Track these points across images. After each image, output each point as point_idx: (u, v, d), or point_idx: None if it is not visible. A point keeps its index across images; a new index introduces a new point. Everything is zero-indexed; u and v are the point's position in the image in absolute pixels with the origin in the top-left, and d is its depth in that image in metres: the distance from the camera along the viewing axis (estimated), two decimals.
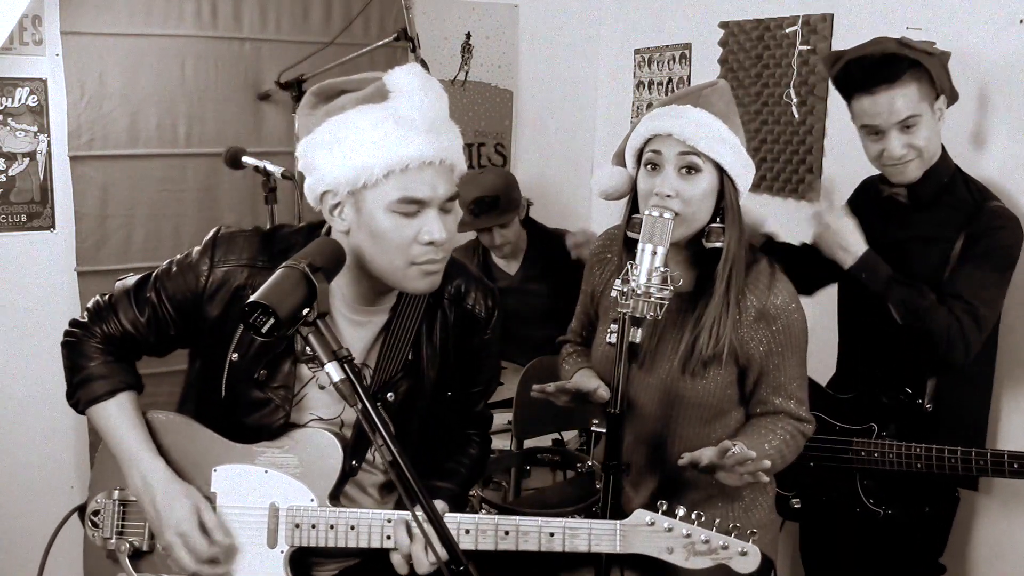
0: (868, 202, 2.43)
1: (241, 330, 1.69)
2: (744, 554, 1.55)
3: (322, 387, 1.73)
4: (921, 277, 2.22)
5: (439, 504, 1.58)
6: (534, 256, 3.49)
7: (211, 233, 1.76)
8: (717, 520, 1.57)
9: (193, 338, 1.77)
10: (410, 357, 1.74)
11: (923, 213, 2.26)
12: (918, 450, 2.19)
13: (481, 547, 1.58)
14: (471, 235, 3.58)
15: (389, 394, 1.72)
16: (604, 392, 1.87)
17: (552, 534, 1.58)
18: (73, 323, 1.78)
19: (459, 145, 1.66)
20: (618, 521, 1.59)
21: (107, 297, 1.77)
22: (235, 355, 1.70)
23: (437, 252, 1.60)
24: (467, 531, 1.58)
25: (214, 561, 1.64)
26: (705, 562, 1.56)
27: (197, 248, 1.75)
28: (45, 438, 3.22)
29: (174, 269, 1.74)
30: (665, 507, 1.57)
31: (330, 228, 1.72)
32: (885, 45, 2.17)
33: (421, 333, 1.76)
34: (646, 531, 1.57)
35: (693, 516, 1.57)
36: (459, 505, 1.80)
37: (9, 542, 3.22)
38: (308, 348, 1.66)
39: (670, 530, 1.56)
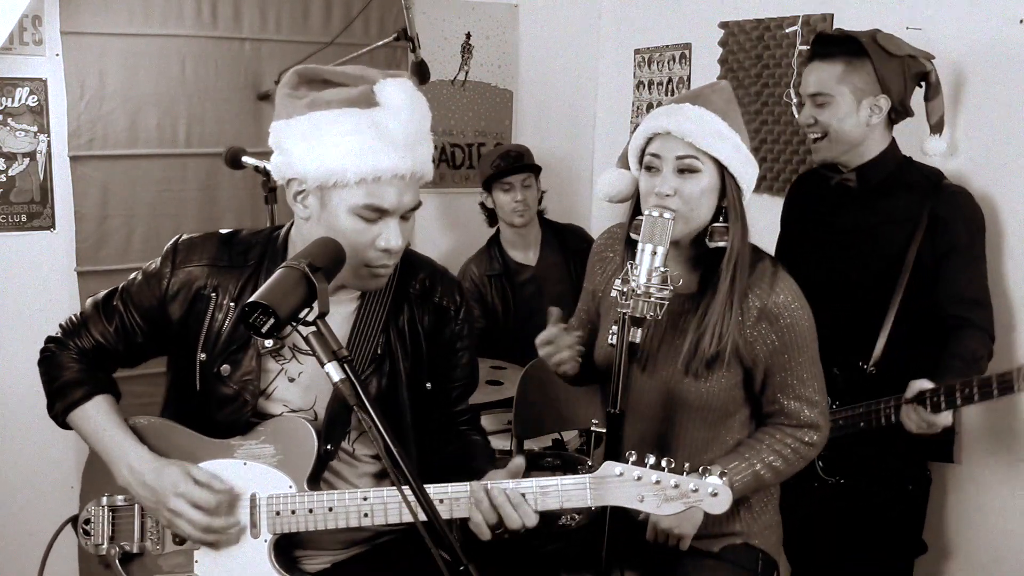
0: (812, 192, 2.55)
1: (206, 330, 1.74)
2: (715, 494, 1.55)
3: (291, 379, 1.75)
4: (886, 257, 2.30)
5: (518, 459, 1.62)
6: (551, 245, 3.66)
7: (171, 241, 1.81)
8: (687, 464, 1.57)
9: (160, 345, 1.81)
10: (379, 352, 1.77)
11: (877, 198, 2.35)
12: (859, 409, 2.26)
13: (456, 515, 1.60)
14: (486, 235, 3.64)
15: None
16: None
17: (523, 495, 1.59)
18: (49, 339, 1.83)
19: (430, 155, 1.69)
20: (587, 475, 1.59)
21: (79, 313, 1.83)
22: (203, 355, 1.74)
23: (391, 258, 1.66)
24: (441, 501, 1.59)
25: (221, 512, 1.65)
26: (677, 507, 1.55)
27: (159, 257, 1.79)
28: (45, 438, 3.20)
29: (139, 279, 1.80)
30: (634, 457, 1.57)
31: (289, 229, 1.78)
32: (859, 32, 2.29)
33: (389, 327, 1.79)
34: (616, 482, 1.57)
35: (663, 463, 1.57)
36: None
37: (9, 542, 3.22)
38: (269, 341, 1.71)
39: (639, 479, 1.56)
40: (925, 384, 2.11)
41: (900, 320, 2.29)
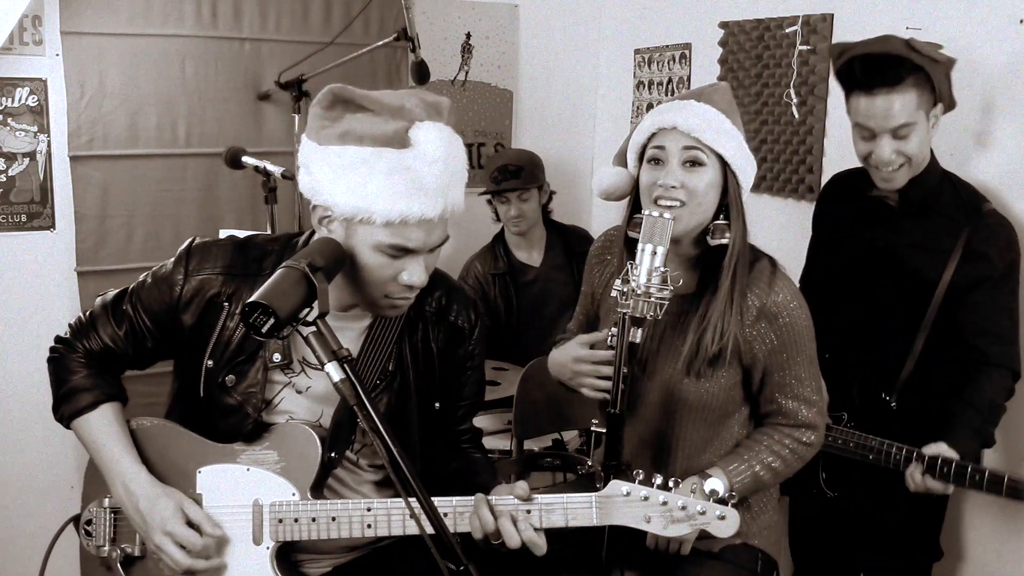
0: (848, 199, 2.43)
1: (216, 337, 1.71)
2: (722, 518, 1.55)
3: (299, 392, 1.74)
4: (912, 283, 2.24)
5: (522, 483, 1.59)
6: (555, 247, 3.66)
7: (185, 244, 1.77)
8: (693, 486, 1.56)
9: (171, 349, 1.78)
10: (391, 368, 1.75)
11: (914, 220, 2.27)
12: (873, 443, 2.21)
13: (460, 529, 1.59)
14: (492, 231, 3.66)
15: None
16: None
17: (528, 511, 1.58)
18: (57, 339, 1.80)
19: (462, 191, 1.64)
20: (593, 494, 1.58)
21: (88, 313, 1.79)
22: (210, 361, 1.72)
23: (412, 292, 1.63)
24: (445, 514, 1.57)
25: (207, 554, 1.64)
26: (684, 528, 1.55)
27: (171, 259, 1.76)
28: (45, 438, 3.21)
29: (149, 281, 1.76)
30: (641, 476, 1.57)
31: (308, 238, 1.74)
32: (892, 45, 2.15)
33: (403, 344, 1.77)
34: (622, 501, 1.56)
35: (670, 483, 1.56)
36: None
37: (9, 542, 3.22)
38: (278, 355, 1.70)
39: (646, 499, 1.55)
40: (943, 450, 2.08)
41: (927, 352, 2.24)
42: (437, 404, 1.82)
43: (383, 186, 1.53)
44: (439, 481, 1.78)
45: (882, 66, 2.13)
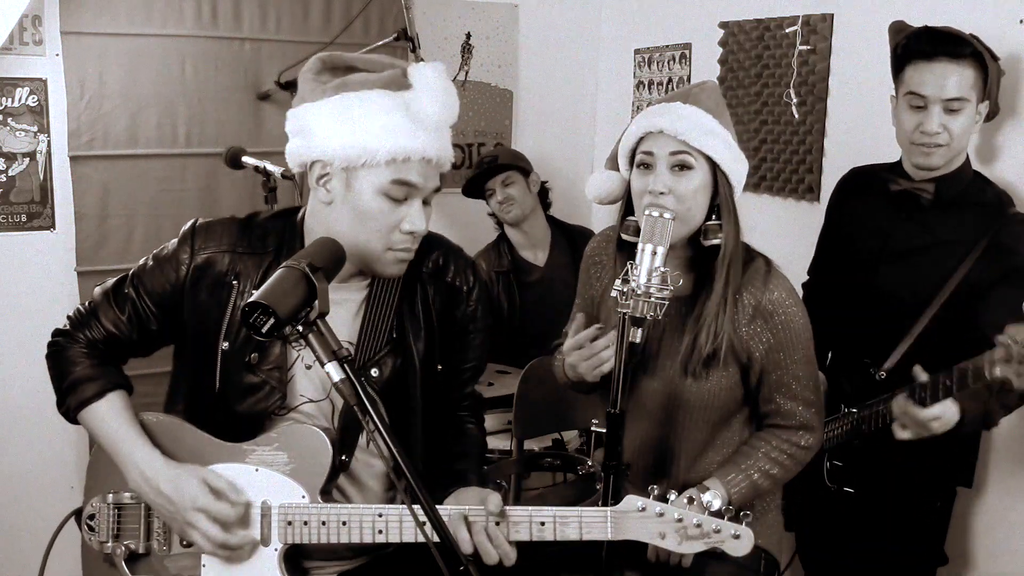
0: (869, 193, 2.39)
1: (228, 319, 1.71)
2: (737, 537, 1.55)
3: (308, 367, 1.73)
4: (925, 274, 2.20)
5: (495, 498, 1.58)
6: (560, 246, 3.65)
7: (188, 225, 1.78)
8: (708, 503, 1.57)
9: (175, 332, 1.77)
10: (394, 334, 1.75)
11: (942, 216, 2.23)
12: (864, 412, 2.17)
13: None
14: (485, 235, 3.67)
15: (374, 370, 1.73)
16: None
17: (543, 523, 1.58)
18: (56, 332, 1.78)
19: (450, 143, 1.72)
20: (608, 508, 1.58)
21: (88, 303, 1.78)
22: (225, 344, 1.71)
23: (414, 242, 1.67)
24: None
25: (239, 525, 1.63)
26: (698, 546, 1.56)
27: (174, 240, 1.76)
28: (45, 438, 3.21)
29: (151, 264, 1.76)
30: (656, 492, 1.57)
31: (304, 214, 1.75)
32: (957, 31, 2.17)
33: (403, 308, 1.77)
34: (637, 517, 1.56)
35: (685, 500, 1.57)
36: (483, 483, 1.79)
37: (9, 542, 3.22)
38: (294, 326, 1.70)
39: (661, 515, 1.56)
40: (922, 376, 1.97)
41: (928, 335, 2.19)
42: (440, 366, 1.82)
43: (384, 124, 1.59)
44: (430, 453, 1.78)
45: (947, 38, 2.14)
